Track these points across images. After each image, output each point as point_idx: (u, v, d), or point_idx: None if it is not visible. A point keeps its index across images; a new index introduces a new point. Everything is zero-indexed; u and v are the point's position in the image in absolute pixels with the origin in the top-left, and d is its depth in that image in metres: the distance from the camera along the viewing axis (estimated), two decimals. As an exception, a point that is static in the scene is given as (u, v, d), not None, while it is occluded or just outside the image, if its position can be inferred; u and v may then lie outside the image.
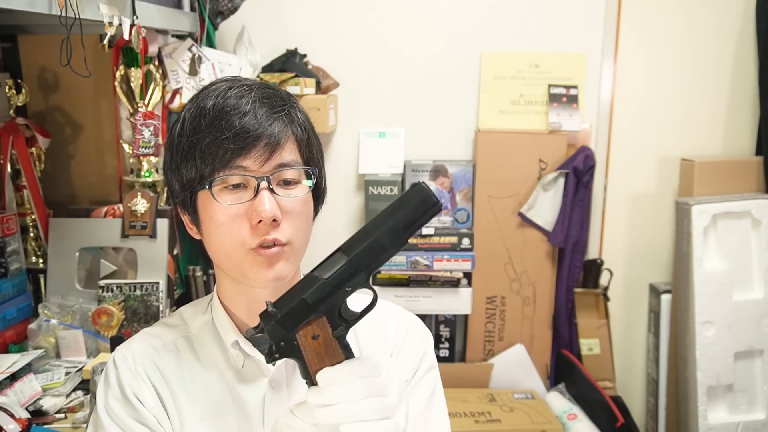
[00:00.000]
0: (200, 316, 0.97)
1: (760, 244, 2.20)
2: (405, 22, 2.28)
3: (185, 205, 0.90)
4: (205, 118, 0.84)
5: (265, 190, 0.83)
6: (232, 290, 0.92)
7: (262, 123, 0.84)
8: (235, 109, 0.84)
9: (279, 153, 0.85)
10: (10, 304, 1.57)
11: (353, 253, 0.74)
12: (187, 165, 0.86)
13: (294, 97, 0.92)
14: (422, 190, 0.73)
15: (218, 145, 0.83)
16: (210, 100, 0.85)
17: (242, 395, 0.91)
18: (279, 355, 0.76)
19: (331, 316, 0.74)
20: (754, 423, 2.20)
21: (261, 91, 0.87)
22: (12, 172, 1.67)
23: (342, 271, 0.74)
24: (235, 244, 0.85)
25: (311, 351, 0.74)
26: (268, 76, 2.05)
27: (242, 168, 0.83)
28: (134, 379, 0.90)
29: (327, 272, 0.74)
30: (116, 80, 1.72)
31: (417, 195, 0.74)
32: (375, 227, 0.75)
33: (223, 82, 0.89)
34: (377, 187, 2.22)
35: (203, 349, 0.94)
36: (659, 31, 2.34)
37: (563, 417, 2.13)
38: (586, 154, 2.23)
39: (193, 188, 0.86)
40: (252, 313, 0.92)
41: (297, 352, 0.75)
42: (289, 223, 0.86)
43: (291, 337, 0.74)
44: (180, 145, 0.86)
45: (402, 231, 0.74)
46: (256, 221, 0.83)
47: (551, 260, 2.31)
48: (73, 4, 1.11)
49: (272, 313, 0.74)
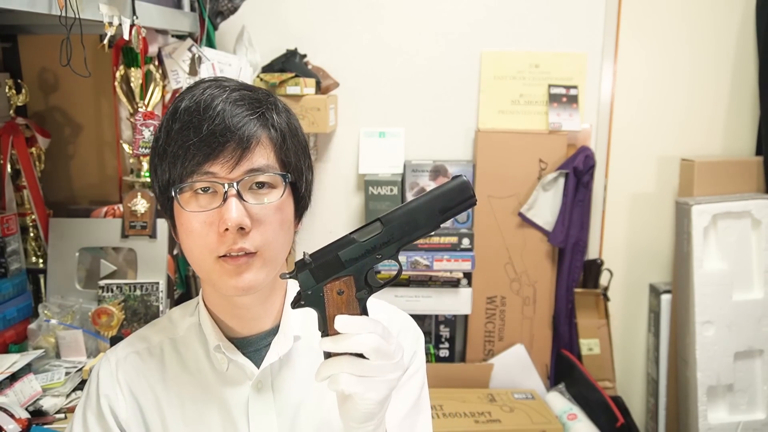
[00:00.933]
0: (188, 318, 0.97)
1: (760, 244, 2.20)
2: (405, 22, 2.28)
3: (165, 210, 0.89)
4: (176, 122, 0.82)
5: (232, 197, 0.80)
6: (215, 295, 0.92)
7: (230, 127, 0.80)
8: (205, 111, 0.81)
9: (249, 157, 0.82)
10: (10, 304, 1.57)
11: (390, 224, 0.78)
12: (162, 168, 0.84)
13: (274, 98, 0.89)
14: (463, 182, 0.79)
15: (186, 150, 0.81)
16: (184, 101, 0.83)
17: (226, 398, 0.91)
18: (304, 303, 0.78)
19: (358, 277, 0.78)
20: (754, 423, 2.20)
21: (237, 93, 0.84)
22: (12, 172, 1.66)
23: (377, 238, 0.78)
24: (203, 252, 0.83)
25: (333, 305, 0.78)
26: (268, 76, 2.05)
27: (210, 174, 0.81)
28: (113, 389, 0.91)
29: (363, 236, 0.78)
30: (116, 80, 1.71)
31: (457, 185, 0.79)
32: (414, 207, 0.79)
33: (205, 83, 0.86)
34: (377, 187, 2.22)
35: (188, 352, 0.94)
36: (659, 31, 2.34)
37: (563, 417, 2.13)
38: (586, 154, 2.23)
39: (167, 193, 0.85)
40: (235, 317, 0.92)
41: (320, 304, 0.78)
42: (260, 231, 0.83)
43: (318, 287, 0.78)
44: (157, 147, 0.85)
45: (437, 213, 0.78)
46: (223, 229, 0.80)
47: (551, 260, 2.31)
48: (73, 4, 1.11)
49: (307, 262, 0.77)
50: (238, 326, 0.93)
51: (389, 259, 0.79)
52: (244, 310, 0.92)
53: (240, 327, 0.93)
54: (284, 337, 0.93)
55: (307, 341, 0.95)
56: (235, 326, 0.93)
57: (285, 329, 0.93)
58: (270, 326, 0.94)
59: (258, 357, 0.93)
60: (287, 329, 0.93)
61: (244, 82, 0.90)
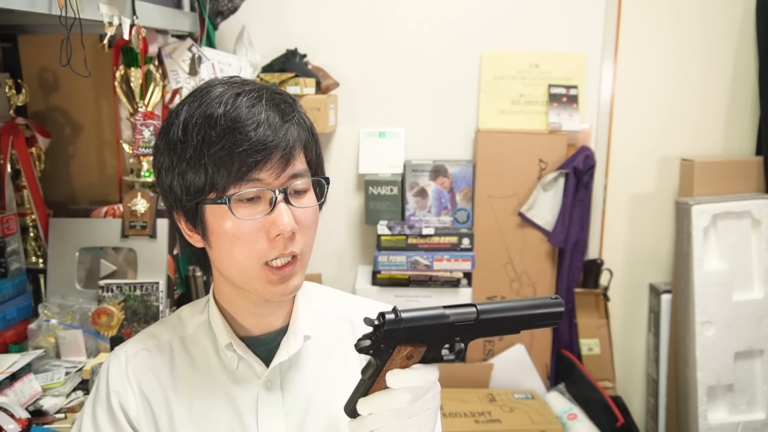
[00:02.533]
0: (197, 316, 0.97)
1: (760, 244, 2.20)
2: (405, 22, 2.28)
3: (188, 214, 0.87)
4: (215, 128, 0.81)
5: (282, 203, 0.82)
6: (233, 294, 0.92)
7: (276, 133, 0.81)
8: (248, 119, 0.81)
9: (292, 164, 0.83)
10: (10, 304, 1.57)
11: (484, 317, 0.79)
12: (195, 174, 0.82)
13: (297, 101, 0.90)
14: (561, 309, 0.81)
15: (233, 159, 0.80)
16: (218, 108, 0.81)
17: (235, 396, 0.92)
18: (371, 352, 0.78)
19: (429, 350, 0.79)
20: (754, 423, 2.20)
21: (270, 98, 0.84)
22: (12, 172, 1.66)
23: (467, 326, 0.79)
24: (251, 257, 0.83)
25: (395, 365, 0.78)
26: (268, 76, 2.05)
27: (258, 181, 0.81)
28: (123, 386, 0.91)
29: (457, 319, 0.79)
30: (116, 80, 1.71)
31: (556, 311, 0.81)
32: (512, 310, 0.80)
33: (227, 86, 0.85)
34: (377, 187, 2.22)
35: (197, 350, 0.94)
36: (659, 31, 2.34)
37: (563, 417, 2.13)
38: (586, 154, 2.23)
39: (201, 199, 0.83)
40: (250, 315, 0.93)
41: (384, 357, 0.78)
42: (303, 234, 0.85)
43: (393, 345, 0.77)
44: (185, 152, 0.82)
45: (524, 324, 0.81)
46: (275, 235, 0.82)
47: (551, 260, 2.31)
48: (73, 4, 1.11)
49: (399, 321, 0.77)
50: (251, 325, 0.93)
51: (459, 343, 0.80)
52: (262, 309, 0.92)
53: (253, 326, 0.93)
54: (294, 336, 0.93)
55: (317, 341, 0.96)
56: (248, 325, 0.93)
57: (295, 329, 0.94)
58: (280, 326, 0.94)
59: (268, 356, 0.93)
60: (297, 329, 0.94)
61: (263, 83, 0.90)
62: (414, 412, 0.77)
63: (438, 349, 0.79)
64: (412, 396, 0.76)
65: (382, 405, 0.76)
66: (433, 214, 2.26)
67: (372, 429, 0.77)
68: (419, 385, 0.77)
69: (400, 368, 0.77)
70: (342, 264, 2.42)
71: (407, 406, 0.76)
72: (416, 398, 0.77)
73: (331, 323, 0.98)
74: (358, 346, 0.78)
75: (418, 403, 0.77)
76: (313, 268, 2.39)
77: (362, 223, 2.37)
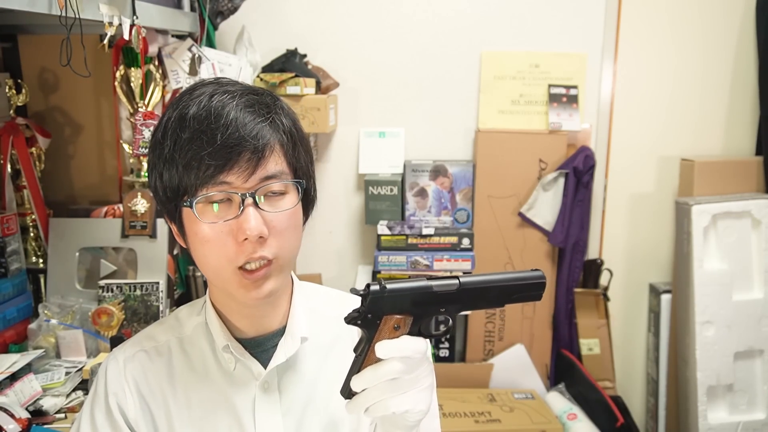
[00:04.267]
0: (195, 317, 0.97)
1: (760, 244, 2.19)
2: (405, 22, 2.28)
3: (171, 216, 0.88)
4: (185, 130, 0.80)
5: (250, 207, 0.80)
6: (223, 296, 0.92)
7: (244, 136, 0.79)
8: (216, 120, 0.80)
9: (263, 166, 0.81)
10: (10, 304, 1.57)
11: (465, 287, 0.81)
12: (169, 173, 0.83)
13: (280, 101, 0.88)
14: (542, 280, 0.84)
15: (200, 160, 0.79)
16: (192, 108, 0.81)
17: (233, 398, 0.92)
18: (360, 322, 0.79)
19: (417, 321, 0.81)
20: (754, 423, 2.20)
21: (245, 99, 0.83)
22: (12, 172, 1.66)
23: (450, 295, 0.81)
24: (221, 262, 0.83)
25: (385, 335, 0.79)
26: (268, 76, 2.05)
27: (226, 184, 0.80)
28: (121, 387, 0.91)
29: (439, 288, 0.81)
30: (116, 80, 1.71)
31: (537, 282, 0.84)
32: (493, 281, 0.83)
33: (207, 86, 0.84)
34: (377, 187, 2.22)
35: (195, 351, 0.94)
36: (659, 31, 2.34)
37: (563, 417, 2.13)
38: (586, 154, 2.23)
39: (177, 201, 0.84)
40: (243, 317, 0.92)
41: (372, 329, 0.79)
42: (276, 238, 0.83)
43: (379, 315, 0.79)
44: (162, 152, 0.83)
45: (506, 296, 0.83)
46: (242, 239, 0.80)
47: (551, 260, 2.31)
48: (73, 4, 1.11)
49: (381, 289, 0.79)
50: (246, 327, 0.93)
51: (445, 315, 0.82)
52: (253, 311, 0.92)
53: (248, 327, 0.93)
54: (291, 338, 0.93)
55: (315, 341, 0.95)
56: (242, 327, 0.93)
57: (292, 330, 0.93)
58: (277, 327, 0.94)
59: (265, 357, 0.93)
60: (294, 330, 0.93)
61: (247, 84, 0.89)
62: (408, 387, 0.77)
63: (426, 322, 0.81)
64: (403, 365, 0.76)
65: (375, 377, 0.76)
66: (433, 214, 2.26)
67: (367, 406, 0.77)
68: (408, 355, 0.77)
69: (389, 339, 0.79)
70: (342, 264, 2.42)
71: (400, 376, 0.76)
72: (408, 369, 0.77)
73: (329, 323, 0.98)
74: (347, 318, 0.80)
75: (411, 377, 0.77)
76: (313, 268, 2.39)
77: (362, 223, 2.37)
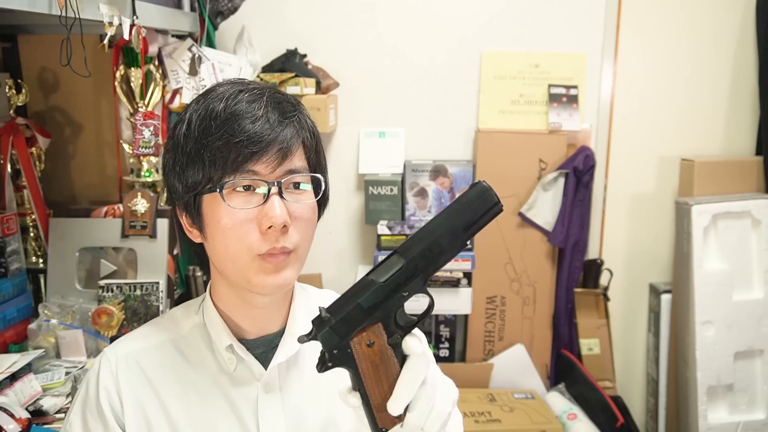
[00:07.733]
0: (192, 317, 0.97)
1: (760, 244, 2.19)
2: (405, 22, 2.28)
3: (188, 208, 0.88)
4: (215, 121, 0.83)
5: (275, 196, 0.82)
6: (230, 295, 0.92)
7: (274, 128, 0.83)
8: (247, 113, 0.83)
9: (290, 159, 0.84)
10: (10, 304, 1.57)
11: (410, 255, 0.70)
12: (193, 167, 0.84)
13: (301, 103, 0.92)
14: (483, 188, 0.69)
15: (230, 149, 0.82)
16: (220, 103, 0.84)
17: (234, 398, 0.91)
18: (331, 364, 0.72)
19: (387, 322, 0.71)
20: (754, 423, 2.20)
21: (272, 96, 0.86)
22: (12, 172, 1.66)
23: (399, 275, 0.70)
24: (242, 248, 0.83)
25: (365, 359, 0.70)
26: (268, 76, 2.05)
27: (253, 172, 0.82)
28: (113, 387, 0.90)
29: (383, 276, 0.70)
30: (116, 80, 1.71)
31: (478, 194, 0.69)
32: (433, 229, 0.70)
33: (230, 85, 0.87)
34: (377, 187, 2.22)
35: (193, 351, 0.94)
36: (659, 31, 2.34)
37: (563, 417, 2.13)
38: (586, 154, 2.23)
39: (199, 190, 0.85)
40: (247, 317, 0.93)
41: (350, 361, 0.71)
42: (297, 230, 0.85)
43: (345, 344, 0.70)
44: (186, 147, 0.85)
45: (461, 232, 0.70)
46: (266, 227, 0.82)
47: (551, 260, 2.31)
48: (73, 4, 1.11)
49: (325, 319, 0.70)
50: (249, 327, 0.93)
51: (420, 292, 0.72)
52: (260, 311, 0.92)
53: (251, 328, 0.93)
54: (292, 338, 0.93)
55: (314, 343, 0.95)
56: (246, 327, 0.93)
57: (292, 331, 0.94)
58: (277, 328, 0.95)
59: (265, 358, 0.93)
60: (294, 331, 0.94)
61: (268, 84, 0.92)
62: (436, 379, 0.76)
63: (399, 313, 0.72)
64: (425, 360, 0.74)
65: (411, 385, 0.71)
66: (433, 214, 2.26)
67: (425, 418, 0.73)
68: (424, 349, 0.74)
69: (372, 360, 0.70)
70: (342, 264, 2.42)
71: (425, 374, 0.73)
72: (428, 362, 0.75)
73: None
74: (318, 369, 0.73)
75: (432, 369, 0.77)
76: (313, 268, 2.39)
77: (362, 223, 2.37)
